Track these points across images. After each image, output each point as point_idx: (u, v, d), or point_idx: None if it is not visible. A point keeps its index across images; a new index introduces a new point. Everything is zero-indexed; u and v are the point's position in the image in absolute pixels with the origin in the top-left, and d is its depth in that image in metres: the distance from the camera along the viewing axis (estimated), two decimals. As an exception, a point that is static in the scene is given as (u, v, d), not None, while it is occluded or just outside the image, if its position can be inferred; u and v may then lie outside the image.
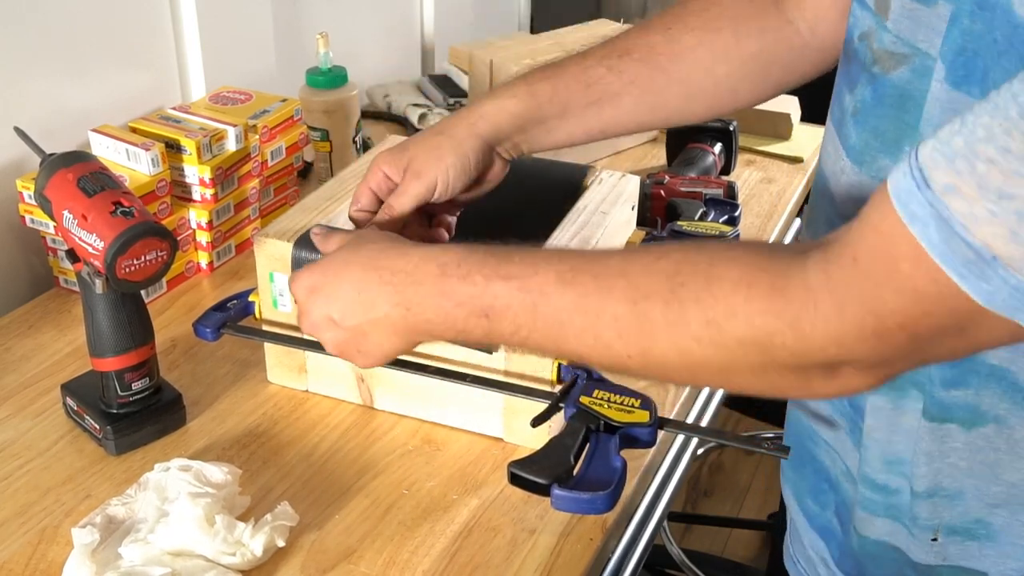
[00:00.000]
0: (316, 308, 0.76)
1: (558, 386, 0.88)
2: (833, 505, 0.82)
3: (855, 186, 0.71)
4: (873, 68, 0.68)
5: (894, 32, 0.65)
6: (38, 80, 1.19)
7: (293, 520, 0.83)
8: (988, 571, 0.71)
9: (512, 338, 0.67)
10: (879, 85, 0.67)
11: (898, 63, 0.65)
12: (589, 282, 0.63)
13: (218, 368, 1.05)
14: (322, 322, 0.76)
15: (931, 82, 0.62)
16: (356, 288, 0.73)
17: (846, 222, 0.72)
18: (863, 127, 0.69)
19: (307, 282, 0.77)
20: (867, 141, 0.69)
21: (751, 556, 2.17)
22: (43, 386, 1.02)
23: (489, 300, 0.67)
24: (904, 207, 0.49)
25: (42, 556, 0.82)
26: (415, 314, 0.71)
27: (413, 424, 0.97)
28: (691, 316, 0.58)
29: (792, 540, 0.91)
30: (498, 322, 0.67)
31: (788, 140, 1.59)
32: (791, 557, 0.89)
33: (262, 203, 1.30)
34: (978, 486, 0.69)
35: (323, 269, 0.77)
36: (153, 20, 1.34)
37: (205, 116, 1.24)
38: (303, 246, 0.92)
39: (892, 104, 0.66)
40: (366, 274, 0.73)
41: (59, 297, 1.18)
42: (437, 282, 0.69)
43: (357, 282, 0.74)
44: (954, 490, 0.70)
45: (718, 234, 1.16)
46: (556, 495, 0.73)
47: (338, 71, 1.39)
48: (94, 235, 0.87)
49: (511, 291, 0.66)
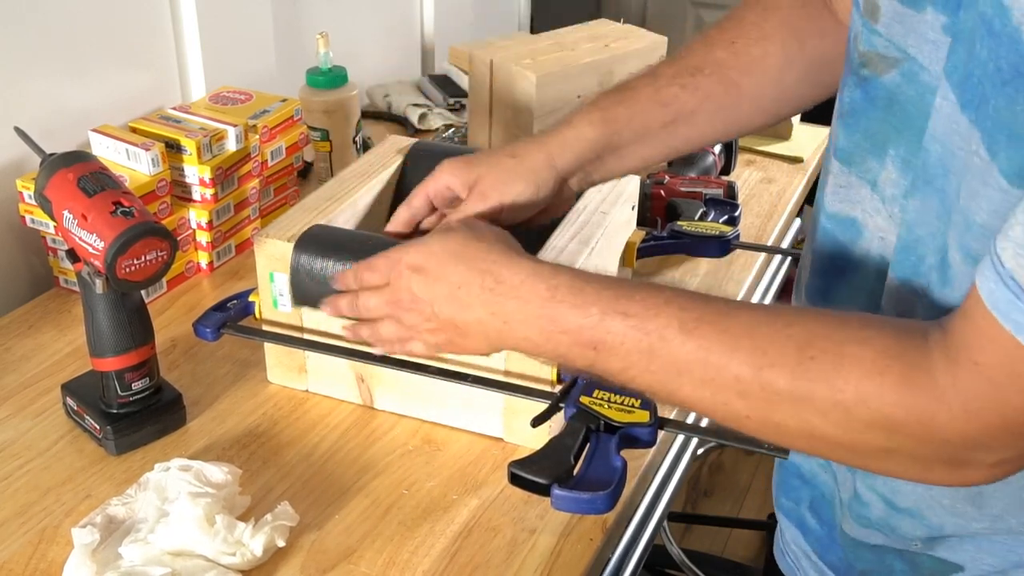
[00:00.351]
0: (417, 286, 0.76)
1: (558, 386, 0.88)
2: (807, 500, 0.83)
3: (842, 186, 0.72)
4: (862, 71, 0.68)
5: (885, 36, 0.65)
6: (38, 80, 1.19)
7: (293, 520, 0.83)
8: (965, 565, 0.72)
9: (620, 375, 0.67)
10: (870, 87, 0.68)
11: (889, 66, 0.66)
12: (713, 336, 0.62)
13: (218, 368, 1.05)
14: (413, 300, 0.76)
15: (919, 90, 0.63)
16: (458, 283, 0.74)
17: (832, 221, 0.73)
18: (853, 129, 0.70)
19: (415, 259, 0.77)
20: (857, 143, 0.70)
21: (751, 556, 2.17)
22: (43, 386, 1.02)
23: (601, 334, 0.66)
24: (1007, 318, 0.51)
25: (42, 556, 0.82)
26: (512, 328, 0.71)
27: (413, 424, 0.97)
28: (819, 394, 0.59)
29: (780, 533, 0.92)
30: (606, 357, 0.66)
31: (788, 140, 1.59)
32: (780, 549, 0.90)
33: (262, 203, 1.30)
34: (959, 523, 0.69)
35: (430, 251, 0.76)
36: (153, 20, 1.34)
37: (205, 116, 1.24)
38: (303, 246, 0.92)
39: (882, 107, 0.67)
40: (471, 273, 0.73)
41: (59, 297, 1.18)
42: (545, 304, 0.69)
43: (460, 277, 0.74)
44: (935, 524, 0.70)
45: (718, 234, 1.16)
46: (556, 495, 0.73)
47: (338, 71, 1.39)
48: (94, 235, 0.87)
49: (627, 329, 0.65)
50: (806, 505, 0.83)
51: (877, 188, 0.68)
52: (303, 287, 0.93)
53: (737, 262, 1.25)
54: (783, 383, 0.59)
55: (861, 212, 0.70)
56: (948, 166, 0.61)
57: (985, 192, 0.55)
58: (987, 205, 0.55)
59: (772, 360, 0.60)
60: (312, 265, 0.91)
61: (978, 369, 0.54)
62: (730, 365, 0.61)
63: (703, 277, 1.23)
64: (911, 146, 0.64)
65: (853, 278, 0.72)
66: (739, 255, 1.26)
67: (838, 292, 0.74)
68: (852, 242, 0.72)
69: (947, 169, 0.61)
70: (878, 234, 0.69)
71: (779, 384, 0.60)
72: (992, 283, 0.52)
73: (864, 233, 0.70)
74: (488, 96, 1.44)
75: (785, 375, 0.59)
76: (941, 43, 0.61)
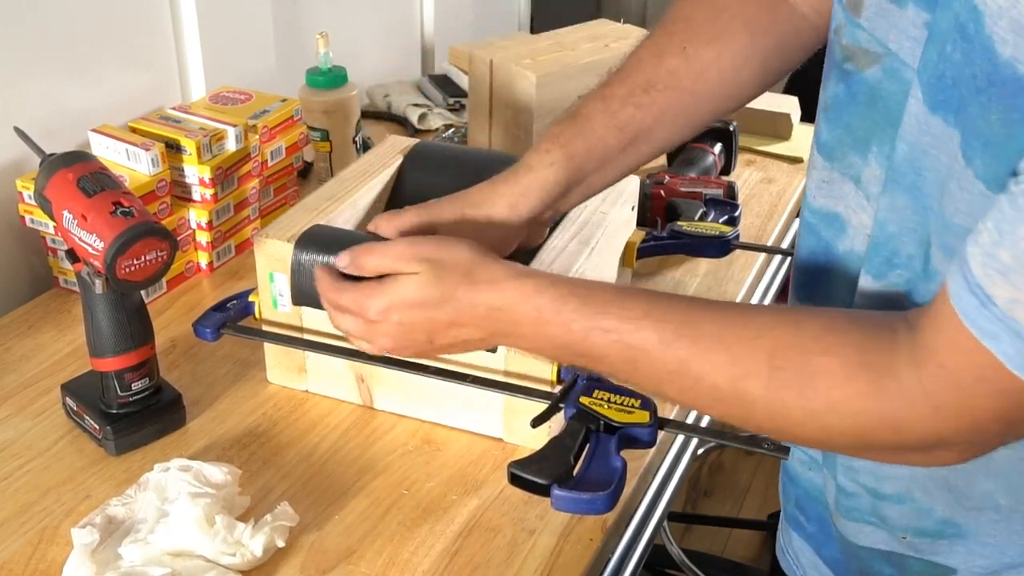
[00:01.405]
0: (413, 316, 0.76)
1: (558, 386, 0.88)
2: (794, 498, 0.83)
3: (825, 181, 0.72)
4: (845, 64, 0.68)
5: (868, 30, 0.65)
6: (38, 80, 1.19)
7: (293, 520, 0.83)
8: (957, 568, 0.72)
9: (610, 377, 0.73)
10: (853, 82, 0.68)
11: (872, 61, 0.66)
12: (690, 348, 0.65)
13: (218, 368, 1.05)
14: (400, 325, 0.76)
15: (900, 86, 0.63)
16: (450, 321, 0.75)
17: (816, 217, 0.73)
18: (835, 123, 0.70)
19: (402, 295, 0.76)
20: (839, 137, 0.70)
21: (751, 556, 2.17)
22: (43, 386, 1.02)
23: (587, 348, 0.69)
24: (974, 324, 0.52)
25: (42, 556, 0.82)
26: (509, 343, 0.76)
27: (413, 424, 0.97)
28: (791, 403, 0.61)
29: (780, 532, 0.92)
30: (596, 364, 0.70)
31: (788, 140, 1.59)
32: (780, 548, 0.90)
33: (262, 203, 1.30)
34: (948, 501, 0.70)
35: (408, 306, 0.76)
36: (153, 20, 1.34)
37: (205, 116, 1.24)
38: (303, 246, 0.92)
39: (864, 102, 0.67)
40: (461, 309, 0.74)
41: (59, 297, 1.18)
42: (534, 325, 0.71)
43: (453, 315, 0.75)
44: (925, 503, 0.71)
45: (718, 234, 1.16)
46: (556, 495, 0.73)
47: (338, 71, 1.39)
48: (94, 235, 0.87)
49: (609, 343, 0.68)
50: (793, 503, 0.84)
51: (861, 184, 0.69)
52: (303, 287, 0.93)
53: (737, 262, 1.25)
54: (757, 393, 0.62)
55: (844, 208, 0.70)
56: (919, 164, 0.61)
57: (962, 195, 0.55)
58: (964, 207, 0.56)
59: (744, 370, 0.62)
60: (312, 265, 0.91)
61: (944, 372, 0.55)
62: (707, 377, 0.64)
63: (703, 277, 1.23)
64: (893, 143, 0.64)
65: (837, 273, 0.72)
66: (739, 255, 1.26)
67: (822, 288, 0.74)
68: (835, 237, 0.72)
69: (918, 167, 0.61)
70: (863, 231, 0.69)
71: (754, 394, 0.62)
72: (961, 288, 0.53)
73: (847, 230, 0.71)
74: (488, 96, 1.44)
75: (758, 386, 0.62)
76: (921, 39, 0.61)
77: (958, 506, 0.70)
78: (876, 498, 0.73)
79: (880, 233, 0.66)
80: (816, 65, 0.82)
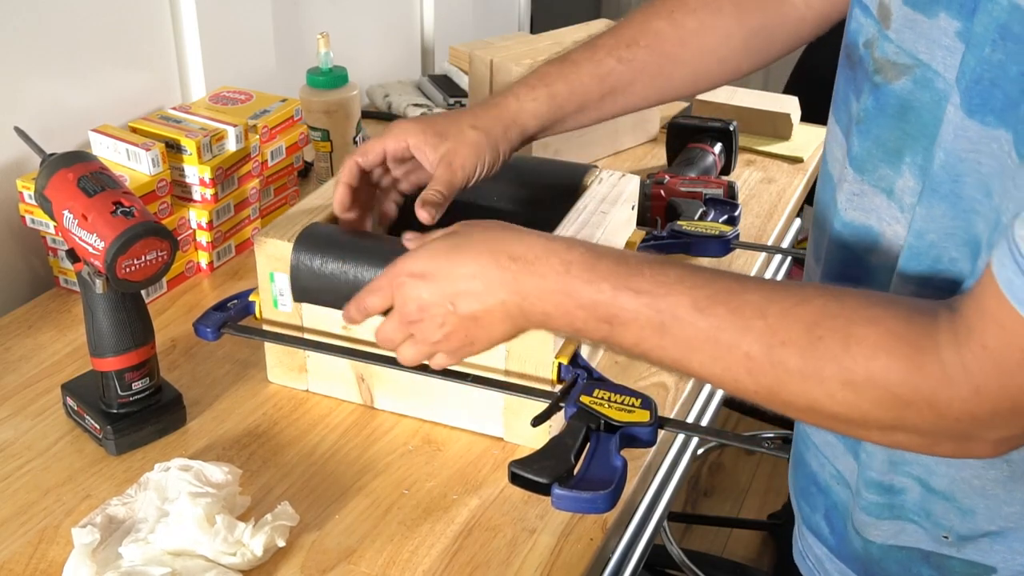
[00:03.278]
0: (423, 293, 0.74)
1: (558, 386, 0.88)
2: (822, 508, 0.82)
3: (856, 194, 0.71)
4: (875, 77, 0.68)
5: (896, 42, 0.65)
6: (38, 80, 1.19)
7: (293, 520, 0.83)
8: (997, 566, 0.71)
9: (633, 349, 0.67)
10: (881, 94, 0.67)
11: (900, 73, 0.65)
12: (725, 315, 0.63)
13: (218, 368, 1.05)
14: (421, 310, 0.74)
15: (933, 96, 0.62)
16: (471, 273, 0.72)
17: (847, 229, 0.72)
18: (865, 136, 0.69)
19: (415, 266, 0.75)
20: (869, 150, 0.69)
21: (751, 556, 2.17)
22: (43, 386, 1.02)
23: (615, 310, 0.66)
24: (1022, 304, 0.51)
25: (42, 556, 0.82)
26: (532, 304, 0.70)
27: (413, 424, 0.97)
28: (827, 373, 0.59)
29: (799, 536, 0.91)
30: (621, 331, 0.67)
31: (788, 140, 1.59)
32: (800, 552, 0.89)
33: (262, 203, 1.30)
34: (990, 507, 0.69)
35: (431, 254, 0.75)
36: (153, 20, 1.34)
37: (205, 116, 1.24)
38: (303, 246, 0.92)
39: (893, 114, 0.66)
40: (481, 258, 0.72)
41: (59, 297, 1.18)
42: (561, 279, 0.69)
43: (472, 266, 0.72)
44: (967, 506, 0.70)
45: (718, 234, 1.16)
46: (556, 495, 0.73)
47: (338, 71, 1.39)
48: (94, 235, 0.87)
49: (640, 306, 0.65)
50: (821, 514, 0.83)
51: (894, 196, 0.68)
52: (303, 287, 0.93)
53: (737, 262, 1.25)
54: (794, 362, 0.60)
55: (877, 220, 0.70)
56: (956, 171, 0.60)
57: (1018, 193, 0.55)
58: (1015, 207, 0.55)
59: (782, 339, 0.60)
60: (312, 265, 0.91)
61: (987, 353, 0.54)
62: (741, 344, 0.62)
63: (703, 277, 1.23)
64: (928, 153, 0.64)
65: (870, 286, 0.71)
66: (739, 255, 1.26)
67: None
68: (868, 250, 0.71)
69: (956, 173, 0.60)
70: (897, 242, 0.68)
71: (790, 363, 0.60)
72: (1008, 269, 0.52)
73: (881, 241, 0.70)
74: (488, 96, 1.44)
75: (796, 354, 0.60)
76: (955, 49, 0.60)
77: (997, 513, 0.69)
78: (927, 491, 0.71)
79: (919, 242, 0.65)
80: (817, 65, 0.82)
